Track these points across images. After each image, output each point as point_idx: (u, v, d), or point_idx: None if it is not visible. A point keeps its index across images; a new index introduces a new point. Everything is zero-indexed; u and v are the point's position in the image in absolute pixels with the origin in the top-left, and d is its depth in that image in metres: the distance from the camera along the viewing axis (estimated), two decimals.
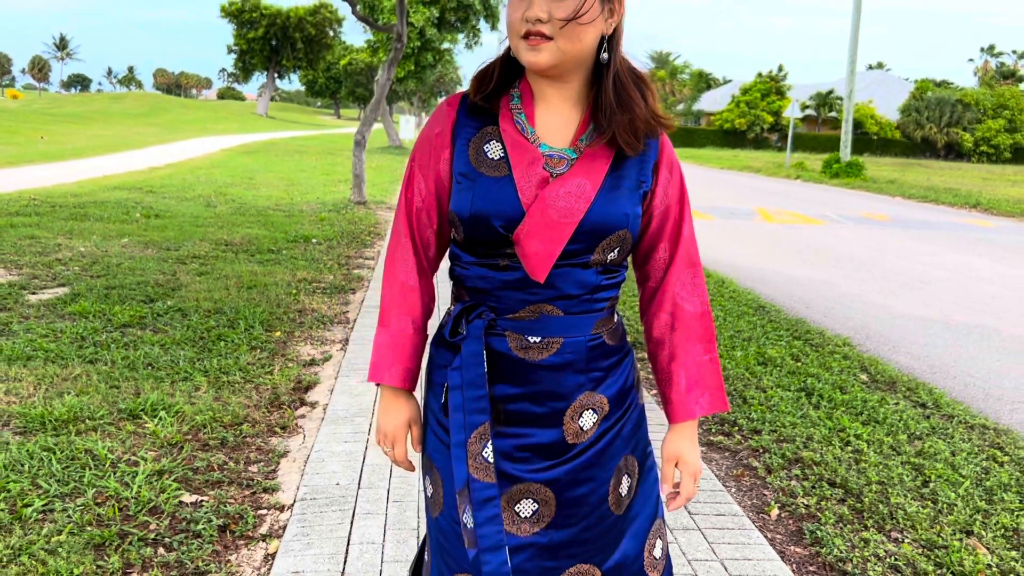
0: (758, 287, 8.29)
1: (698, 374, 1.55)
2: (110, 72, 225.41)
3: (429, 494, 1.58)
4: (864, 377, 5.26)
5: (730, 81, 72.96)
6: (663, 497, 1.61)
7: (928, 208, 19.63)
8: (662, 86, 65.47)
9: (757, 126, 57.72)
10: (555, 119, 1.48)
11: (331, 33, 70.75)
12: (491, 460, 1.46)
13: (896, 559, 2.97)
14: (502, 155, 1.45)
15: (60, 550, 2.69)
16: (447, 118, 1.52)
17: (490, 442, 1.47)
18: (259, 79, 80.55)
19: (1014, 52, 77.64)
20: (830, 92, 58.87)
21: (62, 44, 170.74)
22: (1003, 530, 3.26)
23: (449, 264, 1.58)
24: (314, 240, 9.36)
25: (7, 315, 5.45)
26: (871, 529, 3.19)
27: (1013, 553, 3.06)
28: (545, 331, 1.47)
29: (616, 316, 1.58)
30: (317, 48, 71.20)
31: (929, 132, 56.19)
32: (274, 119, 77.70)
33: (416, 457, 1.66)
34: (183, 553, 2.74)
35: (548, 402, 1.49)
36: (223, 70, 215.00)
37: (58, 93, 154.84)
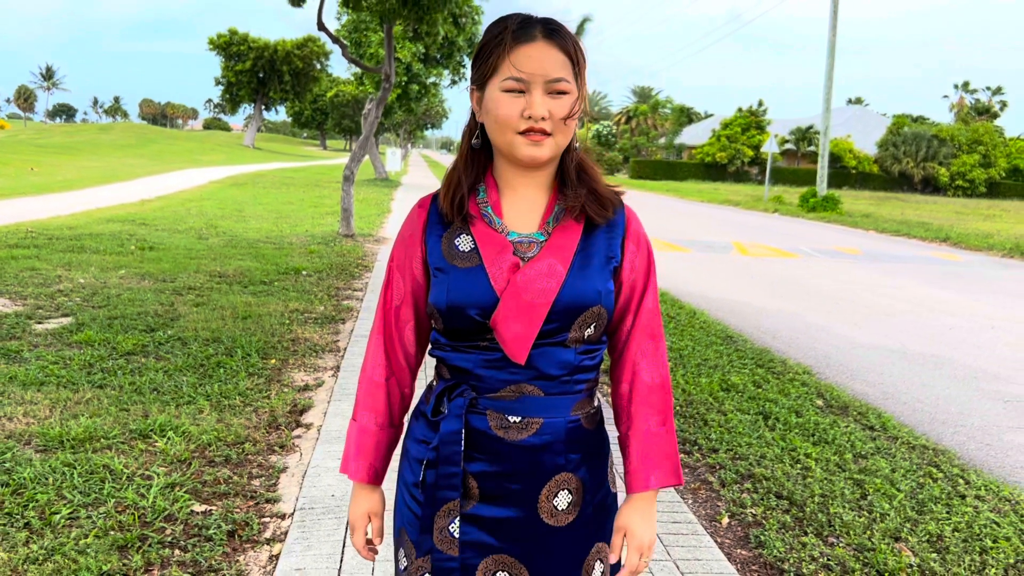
0: (729, 318, 8.71)
1: (651, 445, 1.58)
2: (96, 102, 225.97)
3: (403, 567, 1.61)
4: (820, 402, 5.66)
5: (711, 115, 74.13)
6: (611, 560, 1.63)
7: (900, 242, 20.24)
8: (644, 120, 66.55)
9: (738, 160, 58.69)
10: (522, 205, 1.55)
11: (318, 66, 71.50)
12: (456, 535, 1.52)
13: (829, 559, 3.36)
14: (472, 247, 1.51)
15: (88, 551, 3.04)
16: (418, 220, 1.59)
17: (457, 518, 1.52)
18: (245, 110, 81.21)
19: (988, 88, 79.38)
20: (809, 127, 60.00)
21: (48, 74, 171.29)
22: (928, 536, 3.65)
23: (430, 346, 1.63)
24: (304, 272, 9.74)
25: (18, 343, 5.79)
26: (810, 534, 3.58)
27: (934, 555, 3.46)
28: (525, 411, 1.51)
29: (596, 401, 1.61)
30: (304, 80, 71.89)
31: (906, 166, 57.35)
32: (261, 150, 78.21)
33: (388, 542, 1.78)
34: (197, 554, 3.10)
35: (524, 480, 1.52)
36: (209, 100, 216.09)
37: (43, 123, 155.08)
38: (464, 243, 1.52)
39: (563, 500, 1.54)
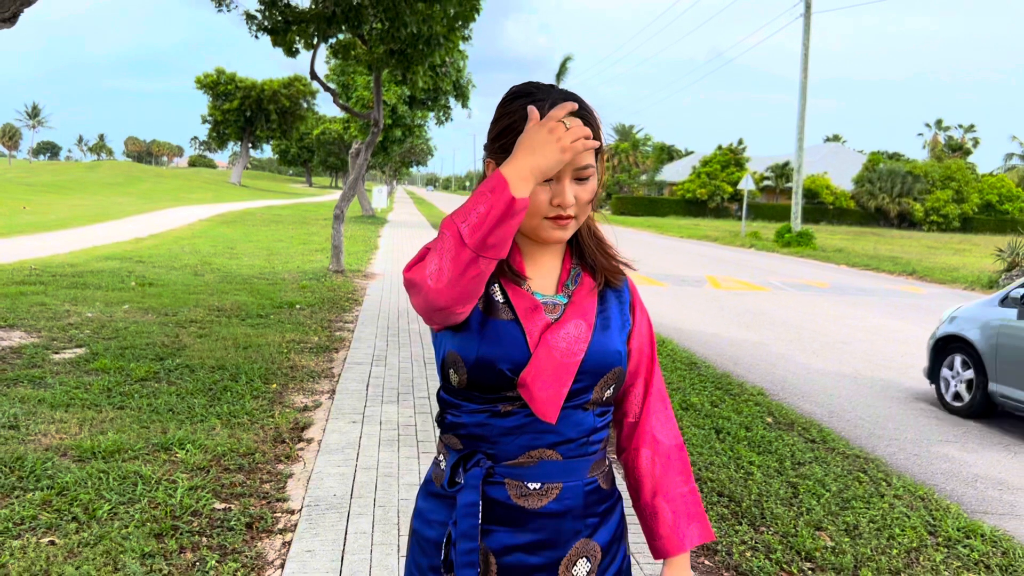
0: (696, 347, 9.36)
1: (683, 506, 1.59)
2: (81, 140, 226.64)
3: None
4: (770, 420, 6.29)
5: (692, 153, 75.72)
6: None
7: (868, 275, 21.04)
8: (626, 157, 67.82)
9: (718, 196, 59.93)
10: (540, 270, 1.56)
11: (305, 105, 72.56)
12: None
13: (757, 543, 3.96)
14: (505, 299, 1.50)
15: (131, 537, 3.60)
16: None
17: None
18: (232, 147, 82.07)
19: (960, 126, 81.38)
20: (787, 164, 61.38)
21: (34, 112, 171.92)
22: (846, 526, 4.27)
23: (439, 412, 1.59)
24: (298, 306, 10.32)
25: (40, 371, 6.34)
26: (744, 524, 4.19)
27: (847, 539, 4.07)
28: (545, 477, 1.49)
29: (608, 459, 1.62)
30: (291, 119, 72.91)
31: (882, 202, 58.79)
32: (247, 188, 78.94)
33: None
34: (222, 540, 3.67)
35: (545, 551, 1.50)
36: (195, 138, 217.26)
37: (27, 160, 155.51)
38: (496, 292, 1.51)
39: (582, 569, 1.53)
